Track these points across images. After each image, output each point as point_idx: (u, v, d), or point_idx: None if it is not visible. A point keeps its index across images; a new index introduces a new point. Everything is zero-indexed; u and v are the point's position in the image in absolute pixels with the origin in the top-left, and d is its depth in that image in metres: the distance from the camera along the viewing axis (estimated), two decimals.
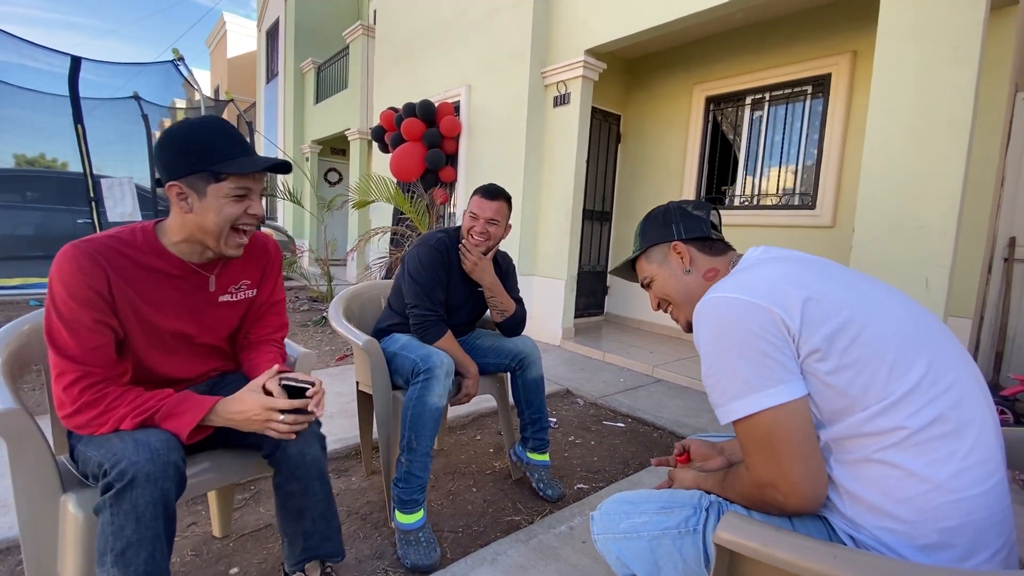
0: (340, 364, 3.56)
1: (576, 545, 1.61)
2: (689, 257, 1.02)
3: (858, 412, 0.73)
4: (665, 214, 1.07)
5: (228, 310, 1.26)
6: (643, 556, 0.88)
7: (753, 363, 0.75)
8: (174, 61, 3.94)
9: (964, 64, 2.41)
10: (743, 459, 0.83)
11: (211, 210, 1.05)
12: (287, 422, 1.07)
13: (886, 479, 0.71)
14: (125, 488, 0.93)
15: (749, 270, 0.88)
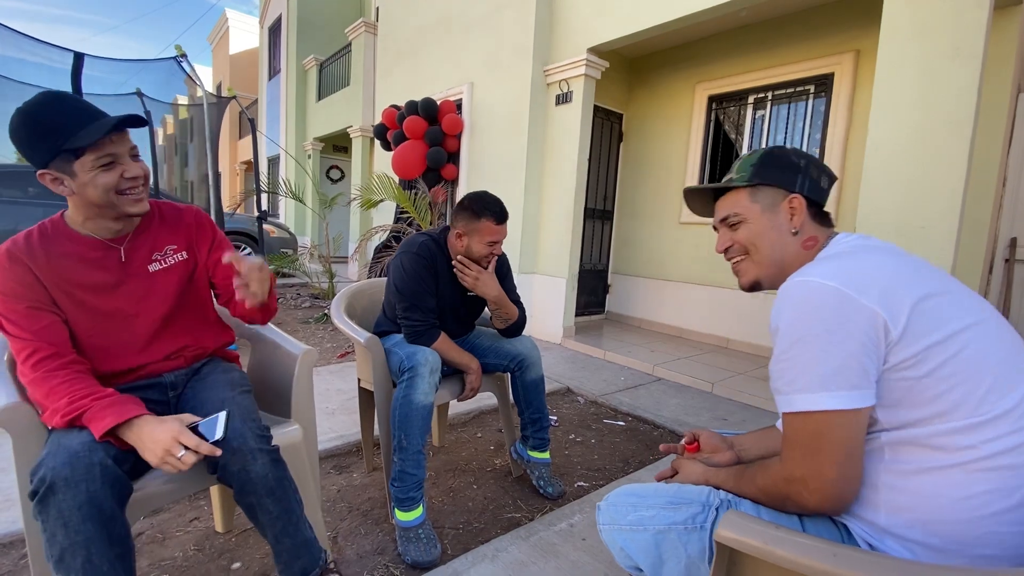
0: (341, 361, 3.57)
1: (576, 542, 1.61)
2: (801, 218, 0.91)
3: (937, 424, 0.70)
4: (795, 156, 0.93)
5: (164, 277, 1.25)
6: (647, 549, 0.88)
7: (836, 361, 0.71)
8: (177, 58, 3.94)
9: (967, 64, 2.41)
10: (774, 452, 0.82)
11: (88, 185, 1.06)
12: (184, 462, 0.98)
13: (940, 497, 0.69)
14: (47, 494, 0.91)
15: (853, 257, 0.81)
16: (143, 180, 1.14)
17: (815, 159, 0.94)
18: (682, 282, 4.91)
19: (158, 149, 5.45)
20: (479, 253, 1.78)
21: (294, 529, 1.17)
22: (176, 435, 0.99)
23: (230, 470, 1.08)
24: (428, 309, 1.75)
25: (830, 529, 0.81)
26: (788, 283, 0.79)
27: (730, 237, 0.98)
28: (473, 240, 1.77)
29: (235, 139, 16.71)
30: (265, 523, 1.14)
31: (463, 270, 1.80)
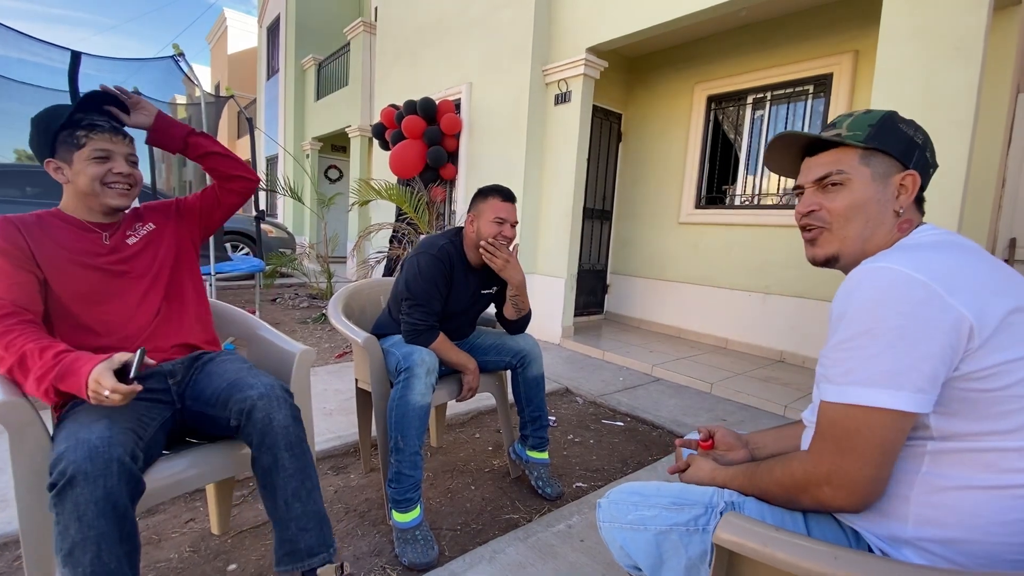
0: (339, 361, 3.56)
1: (574, 543, 1.61)
2: (910, 198, 0.82)
3: (993, 440, 0.66)
4: (915, 130, 0.83)
5: (142, 250, 1.36)
6: (648, 549, 0.87)
7: (907, 359, 0.65)
8: (174, 57, 3.92)
9: (966, 64, 2.41)
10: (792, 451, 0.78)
11: (80, 173, 1.24)
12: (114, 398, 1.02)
13: (978, 517, 0.66)
14: (65, 487, 0.92)
15: (937, 250, 0.74)
16: (131, 180, 1.30)
17: (929, 139, 0.85)
18: (681, 282, 4.91)
19: (155, 149, 5.43)
20: (487, 232, 1.78)
21: (307, 495, 1.16)
22: (96, 377, 1.01)
23: (254, 417, 1.13)
24: (432, 311, 1.75)
25: (836, 533, 0.80)
26: (866, 268, 0.72)
27: (819, 201, 0.85)
28: (482, 221, 1.79)
29: (233, 138, 16.69)
30: (278, 483, 1.13)
31: (494, 252, 1.77)
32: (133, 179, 1.30)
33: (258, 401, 1.14)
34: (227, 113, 9.12)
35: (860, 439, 0.68)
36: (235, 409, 1.16)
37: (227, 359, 1.36)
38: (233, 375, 1.25)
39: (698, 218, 4.77)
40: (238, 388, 1.19)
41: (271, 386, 1.19)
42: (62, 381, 1.03)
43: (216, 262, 3.96)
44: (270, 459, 1.14)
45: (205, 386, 1.27)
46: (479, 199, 1.83)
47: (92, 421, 1.03)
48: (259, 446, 1.14)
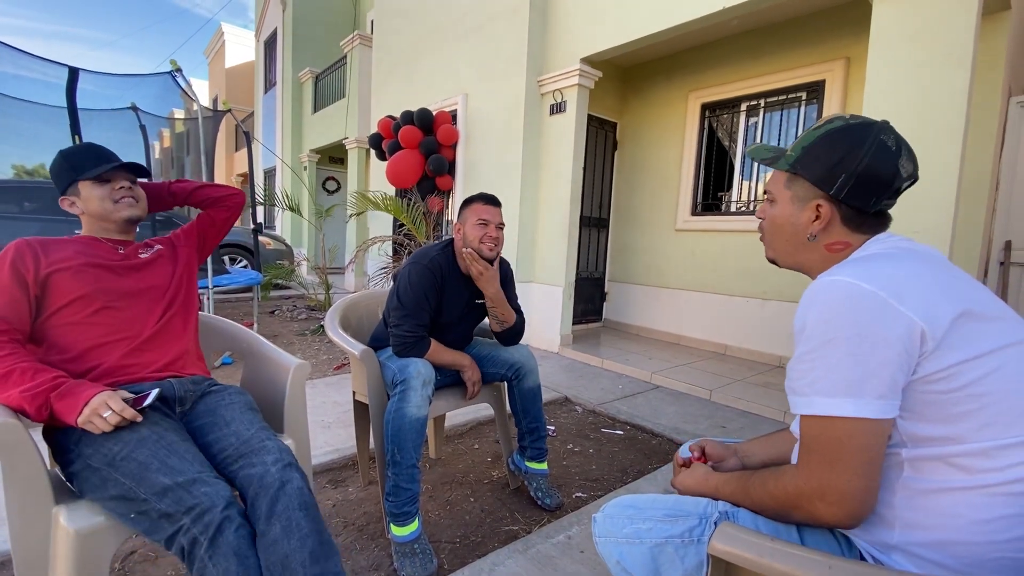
0: (337, 373, 3.55)
1: (574, 555, 1.60)
2: (824, 225, 0.83)
3: (961, 444, 0.68)
4: (849, 149, 0.80)
5: (152, 265, 1.45)
6: (644, 562, 0.86)
7: (864, 368, 0.68)
8: (172, 72, 3.95)
9: (957, 69, 2.43)
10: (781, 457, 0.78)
11: (89, 200, 1.37)
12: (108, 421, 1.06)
13: (958, 518, 0.67)
14: (217, 533, 0.96)
15: (890, 261, 0.76)
16: (133, 193, 1.42)
17: (877, 153, 0.79)
18: (679, 289, 4.91)
19: (154, 163, 5.46)
20: (473, 236, 1.80)
21: (327, 552, 1.04)
22: (105, 399, 1.07)
23: (267, 482, 1.07)
24: (421, 323, 1.75)
25: (829, 541, 0.80)
26: (820, 281, 0.75)
27: (763, 211, 0.93)
28: (467, 226, 1.82)
29: (231, 152, 16.76)
30: (295, 547, 1.00)
31: (473, 261, 1.78)
32: (135, 193, 1.43)
33: (271, 467, 1.09)
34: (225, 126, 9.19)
35: (844, 450, 0.69)
36: (243, 475, 1.10)
37: (234, 402, 1.31)
38: (243, 432, 1.20)
39: (694, 225, 4.78)
40: (248, 453, 1.14)
41: (283, 451, 1.15)
42: (61, 400, 1.06)
43: (214, 275, 3.96)
44: (281, 523, 1.02)
45: (209, 429, 1.23)
46: (464, 208, 1.86)
47: (168, 455, 1.05)
48: (271, 504, 1.04)
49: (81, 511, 1.06)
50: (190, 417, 1.29)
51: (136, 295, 1.37)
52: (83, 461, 1.08)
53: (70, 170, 1.35)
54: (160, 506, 0.98)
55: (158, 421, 1.14)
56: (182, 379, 1.33)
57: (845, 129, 0.82)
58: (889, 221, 0.87)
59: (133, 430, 1.09)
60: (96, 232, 1.41)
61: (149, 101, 4.75)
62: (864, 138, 0.80)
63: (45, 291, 1.25)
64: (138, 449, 1.04)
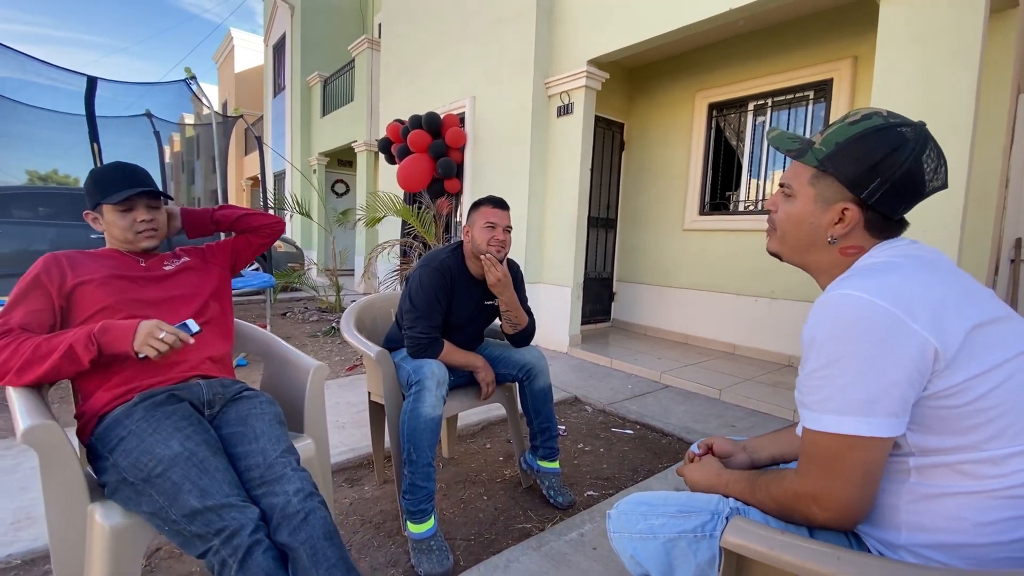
0: (350, 374, 3.60)
1: (587, 551, 1.63)
2: (849, 230, 0.80)
3: (968, 453, 0.69)
4: (887, 153, 0.75)
5: (178, 274, 1.50)
6: (657, 557, 0.89)
7: (876, 387, 0.68)
8: (187, 80, 4.03)
9: (964, 67, 2.43)
10: (792, 463, 0.80)
11: (111, 224, 1.42)
12: (164, 341, 1.18)
13: (963, 520, 0.69)
14: (246, 555, 0.99)
15: (899, 272, 0.74)
16: (153, 225, 1.46)
17: (917, 165, 0.75)
18: (687, 288, 4.92)
19: (166, 167, 5.55)
20: (480, 239, 1.82)
21: None
22: (155, 323, 1.20)
23: (288, 512, 1.08)
24: (433, 324, 1.79)
25: (838, 536, 0.82)
26: (832, 295, 0.73)
27: (777, 203, 0.89)
28: (475, 229, 1.84)
29: (241, 155, 16.92)
30: None
31: (491, 268, 1.80)
32: (155, 224, 1.47)
33: (293, 497, 1.10)
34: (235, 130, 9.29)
35: (843, 463, 0.71)
36: (266, 502, 1.11)
37: (265, 413, 1.32)
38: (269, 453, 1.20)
39: (702, 224, 4.79)
40: (272, 481, 1.14)
41: (305, 481, 1.16)
42: (105, 335, 1.18)
43: None
44: (306, 551, 1.04)
45: (239, 440, 1.24)
46: (472, 211, 1.89)
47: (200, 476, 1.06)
48: (294, 533, 1.06)
49: (115, 508, 1.10)
50: (220, 422, 1.30)
51: (159, 304, 1.39)
52: (118, 473, 1.10)
53: (95, 192, 1.40)
54: (191, 528, 1.01)
55: (190, 435, 1.14)
56: (210, 381, 1.36)
57: (886, 129, 0.76)
58: (905, 226, 0.84)
59: (166, 446, 1.10)
60: (119, 247, 1.46)
61: (162, 107, 4.85)
62: (901, 144, 0.75)
63: (71, 303, 1.29)
64: (172, 468, 1.06)
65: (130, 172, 1.45)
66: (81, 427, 1.25)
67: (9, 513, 1.75)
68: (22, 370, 1.15)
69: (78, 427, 1.26)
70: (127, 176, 1.43)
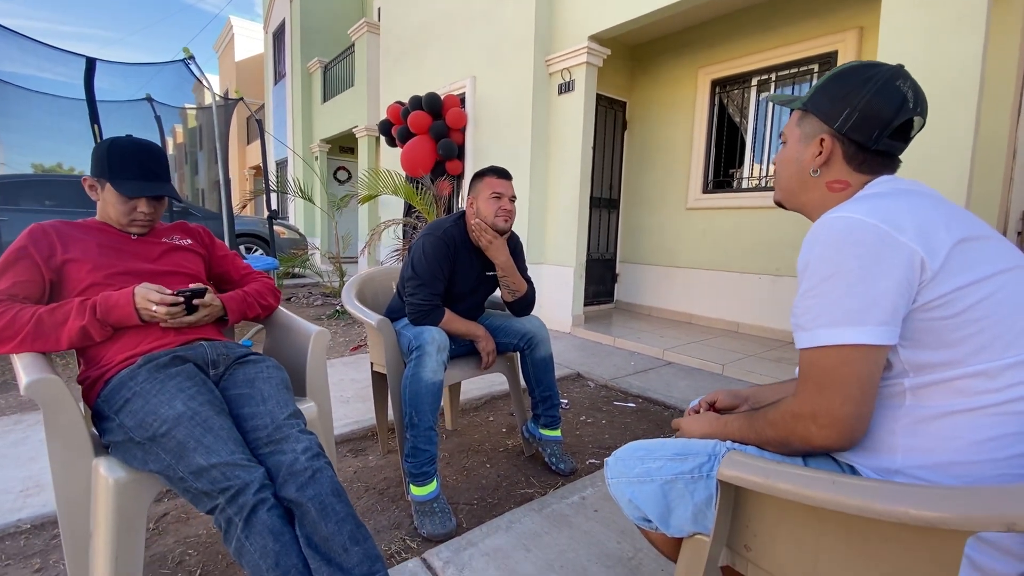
0: (355, 353, 3.62)
1: (588, 513, 1.64)
2: (826, 158, 0.86)
3: (960, 367, 0.70)
4: (857, 85, 0.82)
5: (176, 252, 1.47)
6: (655, 499, 0.90)
7: (867, 296, 0.70)
8: (184, 60, 4.01)
9: (970, 35, 2.39)
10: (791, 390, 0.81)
11: (108, 204, 1.37)
12: (160, 311, 1.23)
13: (957, 439, 0.69)
14: (251, 513, 0.99)
15: (889, 197, 0.78)
16: (152, 217, 1.42)
17: (885, 86, 0.80)
18: (690, 268, 4.90)
19: (169, 158, 5.54)
20: (486, 211, 1.83)
21: (363, 535, 1.07)
22: (144, 291, 1.23)
23: (296, 469, 1.08)
24: (435, 291, 1.79)
25: (833, 468, 0.83)
26: (824, 218, 0.77)
27: (778, 154, 0.96)
28: (480, 200, 1.85)
29: (243, 144, 16.90)
30: (333, 532, 1.03)
31: (482, 232, 1.83)
32: (153, 216, 1.43)
33: (301, 456, 1.10)
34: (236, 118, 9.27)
35: (837, 376, 0.72)
36: (273, 460, 1.11)
37: (272, 377, 1.31)
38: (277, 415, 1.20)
39: (706, 203, 4.76)
40: (280, 440, 1.14)
41: (313, 442, 1.16)
42: (108, 314, 1.20)
43: None
44: (316, 507, 1.04)
45: (246, 401, 1.24)
46: (476, 180, 1.89)
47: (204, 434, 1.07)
48: (301, 488, 1.06)
49: (117, 462, 1.12)
50: (227, 383, 1.29)
51: (155, 277, 1.36)
52: (125, 433, 1.11)
53: (106, 168, 1.34)
54: (197, 485, 1.02)
55: (194, 395, 1.14)
56: (214, 343, 1.35)
57: (856, 67, 0.84)
58: (896, 165, 0.87)
59: (170, 406, 1.10)
60: (110, 222, 1.42)
61: (163, 92, 4.84)
62: (872, 76, 0.82)
63: (61, 277, 1.28)
64: (176, 427, 1.07)
65: (149, 160, 1.38)
66: (86, 389, 1.26)
67: (18, 482, 1.78)
68: (24, 341, 1.15)
69: (83, 390, 1.27)
70: (144, 164, 1.37)
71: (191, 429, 1.07)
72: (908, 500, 0.60)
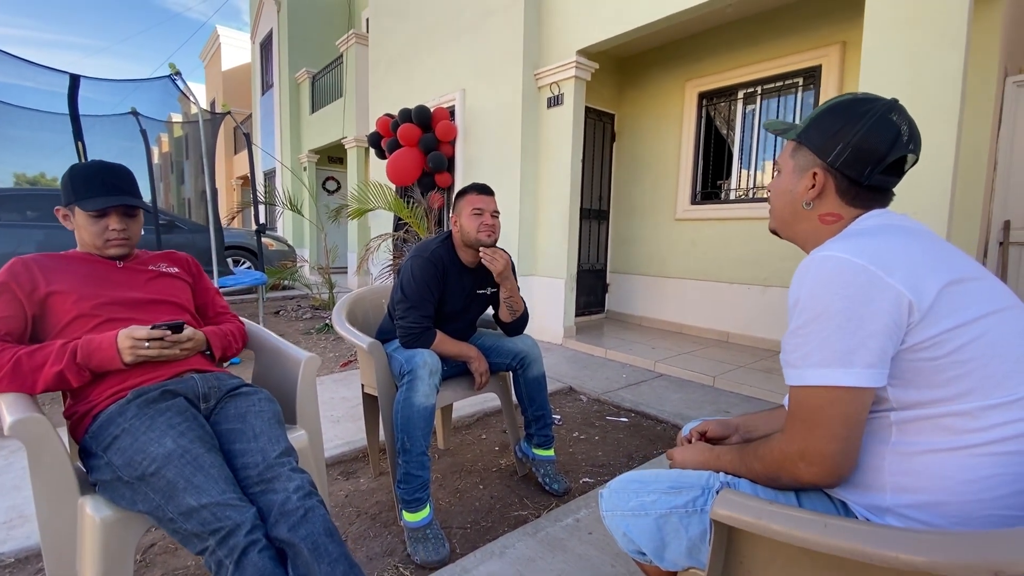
0: (344, 370, 3.59)
1: (583, 536, 1.63)
2: (819, 191, 0.86)
3: (948, 405, 0.71)
4: (851, 120, 0.82)
5: (161, 280, 1.46)
6: (649, 533, 0.90)
7: (855, 338, 0.71)
8: (171, 76, 3.98)
9: (951, 50, 2.44)
10: (778, 428, 0.82)
11: (81, 228, 1.36)
12: (152, 347, 1.21)
13: (946, 479, 0.70)
14: (242, 555, 0.97)
15: (879, 235, 0.79)
16: (125, 235, 1.39)
17: (878, 122, 0.81)
18: (680, 278, 4.94)
19: (154, 168, 5.49)
20: (469, 227, 1.82)
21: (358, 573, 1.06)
22: (129, 333, 1.19)
23: (288, 508, 1.05)
24: (426, 314, 1.79)
25: (826, 505, 0.83)
26: (812, 257, 0.78)
27: (771, 183, 0.97)
28: (462, 217, 1.84)
29: (230, 155, 16.79)
30: (326, 573, 1.01)
31: (495, 258, 1.83)
32: (127, 233, 1.40)
33: (293, 495, 1.08)
34: (224, 129, 9.23)
35: (825, 416, 0.73)
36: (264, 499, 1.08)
37: (264, 411, 1.29)
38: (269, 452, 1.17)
39: (694, 214, 4.81)
40: (271, 479, 1.11)
41: (305, 481, 1.13)
42: (90, 359, 1.17)
43: (219, 276, 4.00)
44: (308, 547, 1.02)
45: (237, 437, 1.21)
46: (458, 199, 1.89)
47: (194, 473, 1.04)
48: (293, 529, 1.03)
49: (104, 502, 1.10)
50: (218, 417, 1.26)
51: (137, 306, 1.34)
52: (112, 471, 1.08)
53: (71, 192, 1.34)
54: (187, 526, 1.00)
55: (184, 432, 1.12)
56: (205, 375, 1.32)
57: (851, 102, 0.85)
58: (889, 198, 0.88)
59: (160, 444, 1.08)
60: (89, 250, 1.40)
61: (148, 106, 4.78)
62: (866, 111, 0.82)
63: (44, 311, 1.25)
64: (166, 466, 1.04)
65: (111, 176, 1.36)
66: (73, 424, 1.23)
67: (2, 512, 1.74)
68: (0, 382, 1.13)
69: (70, 425, 1.25)
70: (106, 182, 1.35)
71: (181, 468, 1.05)
72: (898, 545, 0.61)
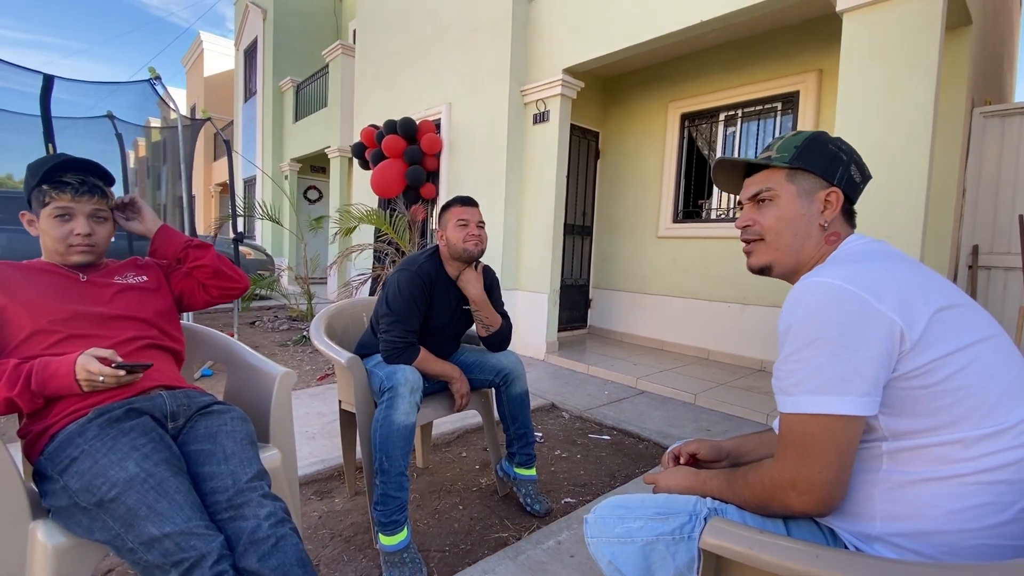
0: (322, 383, 3.51)
1: (564, 560, 1.60)
2: (834, 212, 0.88)
3: (939, 435, 0.71)
4: (840, 151, 0.89)
5: (127, 292, 1.36)
6: (636, 561, 0.87)
7: (848, 366, 0.70)
8: (151, 80, 3.90)
9: (922, 80, 2.53)
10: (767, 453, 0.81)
11: (45, 232, 1.27)
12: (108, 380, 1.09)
13: (935, 508, 0.70)
14: None
15: (866, 261, 0.80)
16: (91, 241, 1.30)
17: (856, 154, 0.91)
18: (662, 295, 4.97)
19: (129, 172, 5.36)
20: (455, 238, 1.82)
21: None
22: (87, 360, 1.08)
23: (258, 537, 1.01)
24: (410, 328, 1.75)
25: (814, 533, 0.82)
26: (804, 283, 0.77)
27: (753, 216, 0.93)
28: (448, 229, 1.84)
29: (210, 161, 16.52)
30: None
31: (468, 283, 1.86)
32: (94, 239, 1.31)
33: (264, 522, 1.03)
34: (203, 135, 9.08)
35: (817, 444, 0.72)
36: (233, 526, 1.03)
37: (236, 431, 1.23)
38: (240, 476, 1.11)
39: (676, 232, 4.86)
40: (242, 505, 1.06)
41: (279, 509, 1.08)
42: (45, 385, 1.07)
43: None
44: None
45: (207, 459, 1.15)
46: (442, 213, 1.89)
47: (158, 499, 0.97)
48: (264, 559, 0.99)
49: (57, 527, 1.03)
50: (187, 437, 1.19)
51: (101, 322, 1.26)
52: (69, 497, 1.01)
53: (30, 178, 1.25)
54: (148, 557, 0.93)
55: (148, 454, 1.04)
56: (174, 392, 1.25)
57: (823, 135, 0.92)
58: (855, 219, 0.95)
59: (122, 467, 1.01)
60: (54, 260, 1.31)
61: (126, 110, 4.67)
62: (837, 141, 0.91)
63: (1, 326, 1.17)
64: (127, 492, 0.97)
65: (70, 161, 1.27)
66: (29, 444, 1.14)
67: None
68: None
69: (25, 445, 1.16)
70: (75, 162, 1.27)
71: (143, 494, 0.97)
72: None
